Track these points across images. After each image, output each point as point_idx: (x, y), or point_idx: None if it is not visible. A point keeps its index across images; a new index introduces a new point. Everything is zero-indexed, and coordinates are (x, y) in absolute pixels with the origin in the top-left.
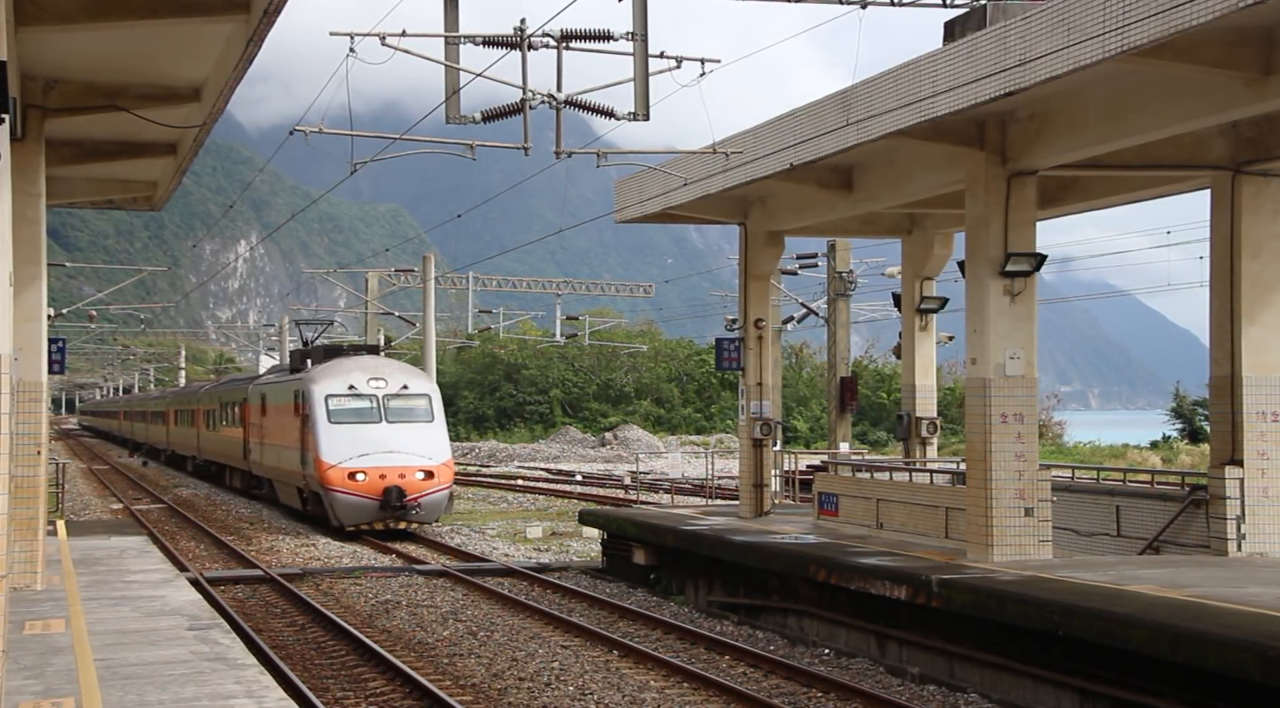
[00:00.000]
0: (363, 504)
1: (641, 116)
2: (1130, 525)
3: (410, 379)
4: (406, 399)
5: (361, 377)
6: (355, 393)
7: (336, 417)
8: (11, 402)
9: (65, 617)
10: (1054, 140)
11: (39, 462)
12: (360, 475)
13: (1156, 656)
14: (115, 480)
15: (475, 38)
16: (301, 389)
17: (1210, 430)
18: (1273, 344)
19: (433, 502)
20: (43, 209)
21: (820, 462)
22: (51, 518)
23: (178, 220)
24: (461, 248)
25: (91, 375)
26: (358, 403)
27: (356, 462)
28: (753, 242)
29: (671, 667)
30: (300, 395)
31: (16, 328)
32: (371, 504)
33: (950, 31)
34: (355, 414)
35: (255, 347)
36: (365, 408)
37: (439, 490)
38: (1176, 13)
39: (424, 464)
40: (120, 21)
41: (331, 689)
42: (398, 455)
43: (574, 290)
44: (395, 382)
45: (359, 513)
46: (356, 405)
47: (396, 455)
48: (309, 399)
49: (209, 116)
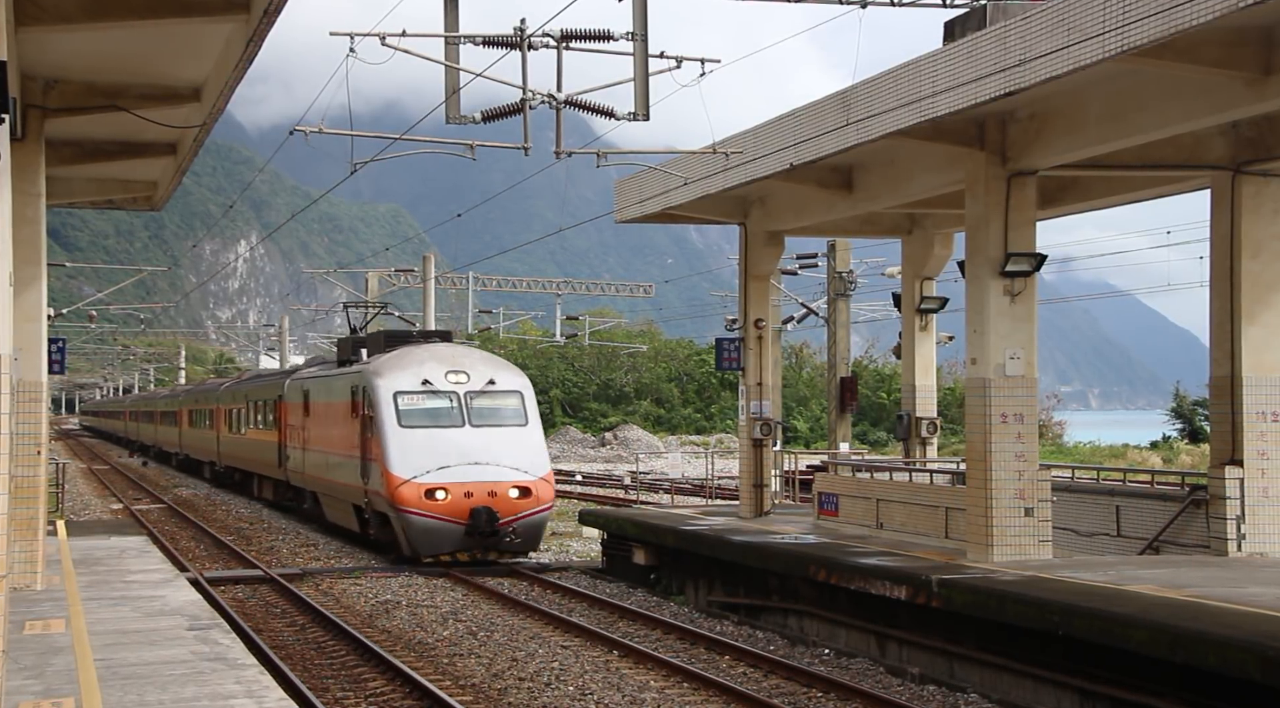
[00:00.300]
0: (444, 530)
1: (641, 116)
2: (1130, 526)
3: (498, 372)
4: (494, 397)
5: (438, 369)
6: (431, 390)
7: (409, 419)
8: (11, 402)
9: (65, 617)
10: (1054, 140)
11: (39, 462)
12: (441, 493)
13: (1156, 656)
14: (115, 480)
15: (475, 38)
16: (362, 384)
17: (1210, 430)
18: (1273, 344)
19: (531, 526)
20: (43, 209)
21: (820, 462)
22: (51, 518)
23: (178, 220)
24: (461, 248)
25: (91, 375)
26: (435, 402)
27: (435, 476)
28: (753, 242)
29: (671, 667)
30: (360, 392)
31: (16, 328)
32: (455, 530)
33: (950, 31)
34: (432, 416)
35: (255, 347)
36: (444, 408)
37: (538, 512)
38: (1176, 13)
39: (519, 479)
40: (120, 21)
41: (331, 689)
42: (487, 468)
43: (574, 290)
44: (479, 375)
45: (439, 540)
46: (433, 405)
47: (485, 468)
48: (373, 397)
49: (209, 116)
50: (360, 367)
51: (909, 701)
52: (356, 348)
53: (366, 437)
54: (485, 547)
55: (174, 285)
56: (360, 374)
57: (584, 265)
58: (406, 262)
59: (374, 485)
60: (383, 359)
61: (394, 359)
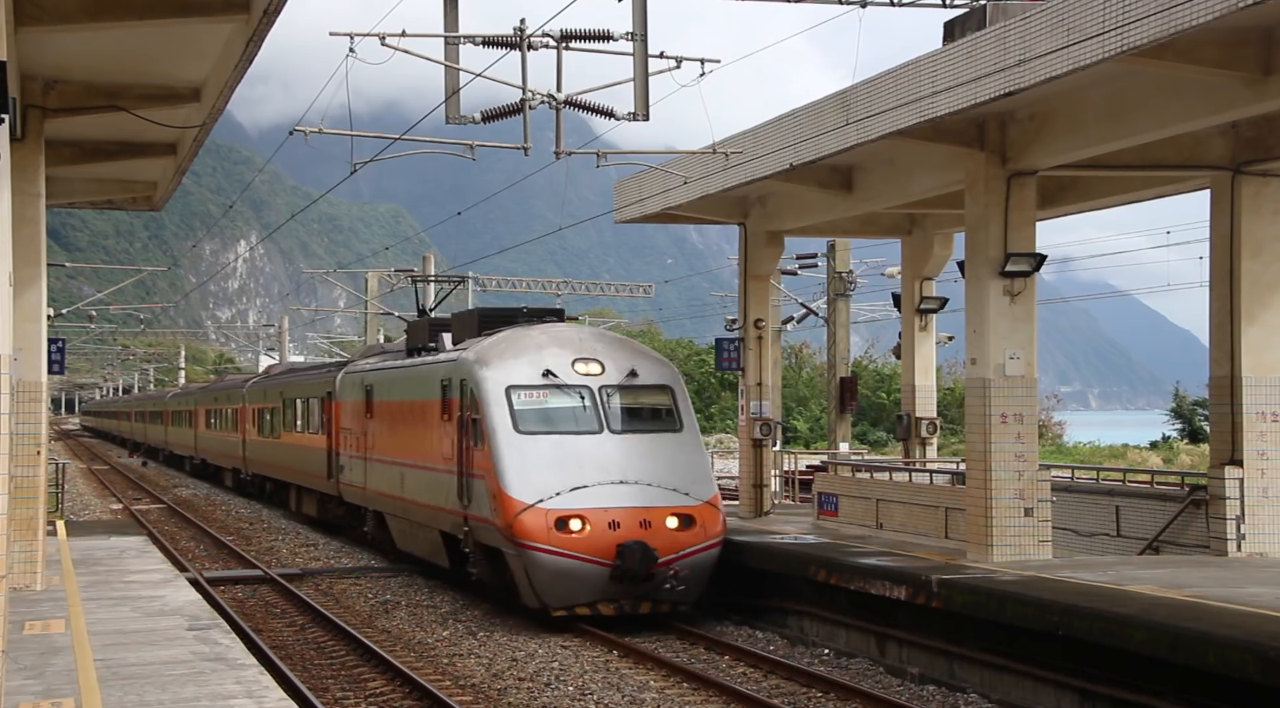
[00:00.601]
0: (583, 573)
1: (641, 117)
2: (1130, 526)
3: (639, 361)
4: (638, 394)
5: (562, 357)
6: (555, 384)
7: (529, 422)
8: (11, 402)
9: (65, 617)
10: (1054, 140)
11: (39, 462)
12: (577, 523)
13: (1156, 656)
14: (115, 480)
15: (475, 38)
16: (459, 377)
17: (1210, 431)
18: (1273, 344)
19: (697, 568)
20: (43, 209)
21: (820, 462)
22: (51, 518)
23: (178, 220)
24: (461, 248)
25: (91, 375)
26: (561, 400)
27: (569, 500)
28: (753, 242)
29: (671, 667)
30: (456, 387)
31: (16, 328)
32: (597, 573)
33: (950, 31)
34: (558, 419)
35: (255, 347)
36: (574, 409)
37: (706, 548)
38: (1176, 13)
39: (680, 504)
40: (120, 21)
41: (331, 689)
42: (636, 489)
43: (574, 290)
44: (617, 364)
45: (575, 587)
46: (560, 404)
47: (634, 489)
48: (477, 393)
49: (209, 117)
50: (454, 354)
51: (909, 701)
52: (435, 332)
53: (466, 445)
54: (637, 595)
55: (174, 285)
56: (456, 364)
57: (584, 265)
58: (406, 262)
59: (478, 510)
60: (484, 345)
61: (500, 345)
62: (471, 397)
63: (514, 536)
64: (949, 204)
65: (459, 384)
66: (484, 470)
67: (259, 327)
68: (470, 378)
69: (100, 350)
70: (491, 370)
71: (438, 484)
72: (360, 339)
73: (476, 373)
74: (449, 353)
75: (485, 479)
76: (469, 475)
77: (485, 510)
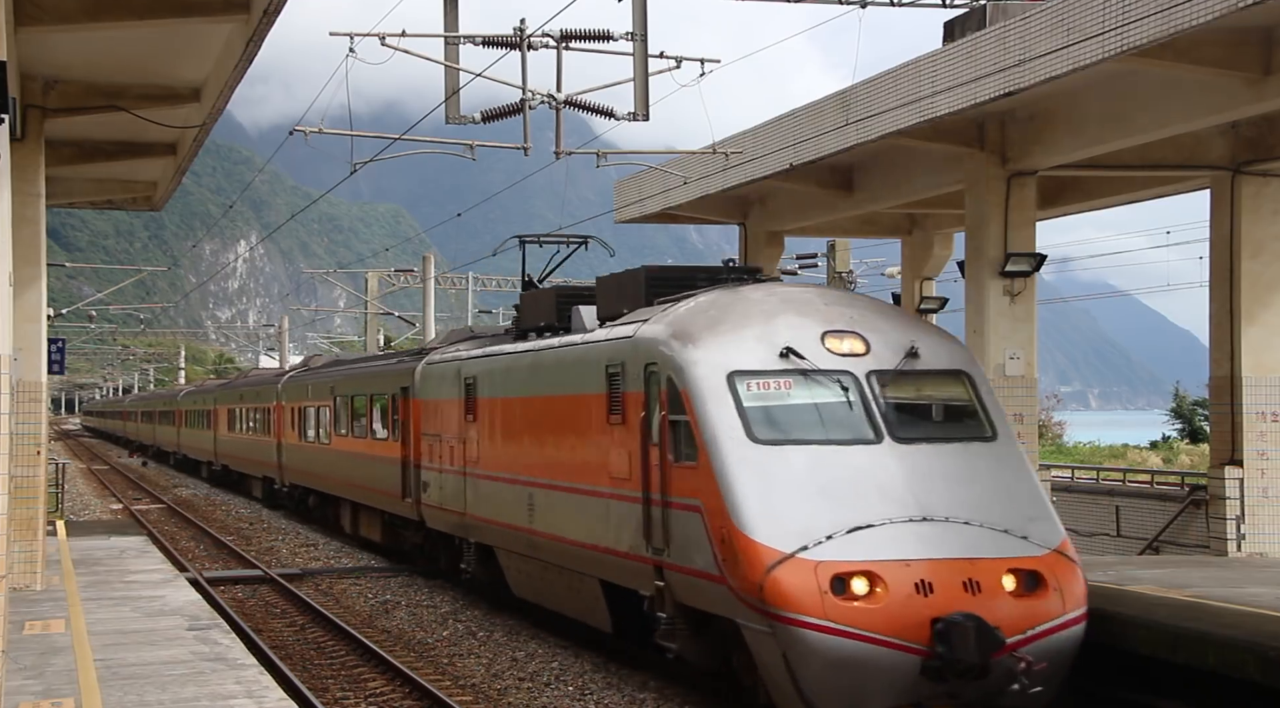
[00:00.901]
0: (880, 663)
1: (641, 117)
2: (1130, 526)
3: (918, 335)
4: (923, 383)
5: (805, 329)
6: (801, 368)
7: (768, 426)
8: (11, 402)
9: (65, 617)
10: (1054, 140)
11: (39, 462)
12: (863, 583)
13: (1156, 656)
14: (115, 480)
15: (475, 38)
16: (641, 361)
17: (1210, 431)
18: (1273, 344)
19: (1056, 653)
20: (43, 209)
21: None
22: (51, 518)
23: (178, 220)
24: (461, 248)
25: (91, 375)
26: (813, 391)
27: (846, 547)
28: (753, 242)
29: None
30: (635, 376)
31: (16, 328)
32: (901, 665)
33: (950, 31)
34: (809, 421)
35: (255, 347)
36: (833, 406)
37: (1067, 624)
38: (1176, 13)
39: (1019, 553)
40: (120, 21)
41: (331, 689)
42: (947, 529)
43: None
44: (886, 340)
45: (867, 685)
46: (811, 398)
47: (943, 529)
48: (680, 382)
49: (209, 117)
50: (626, 330)
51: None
52: (565, 305)
53: (659, 460)
54: (967, 701)
55: (174, 285)
56: (633, 344)
57: (584, 265)
58: (406, 262)
59: (685, 557)
60: (678, 315)
61: (709, 313)
62: (669, 388)
63: (764, 602)
64: (949, 204)
65: (642, 372)
66: (696, 498)
67: (259, 327)
68: (665, 362)
69: (100, 350)
70: (703, 350)
71: (600, 514)
72: (360, 339)
73: (677, 354)
74: (614, 329)
75: (700, 512)
76: (666, 504)
77: (700, 559)
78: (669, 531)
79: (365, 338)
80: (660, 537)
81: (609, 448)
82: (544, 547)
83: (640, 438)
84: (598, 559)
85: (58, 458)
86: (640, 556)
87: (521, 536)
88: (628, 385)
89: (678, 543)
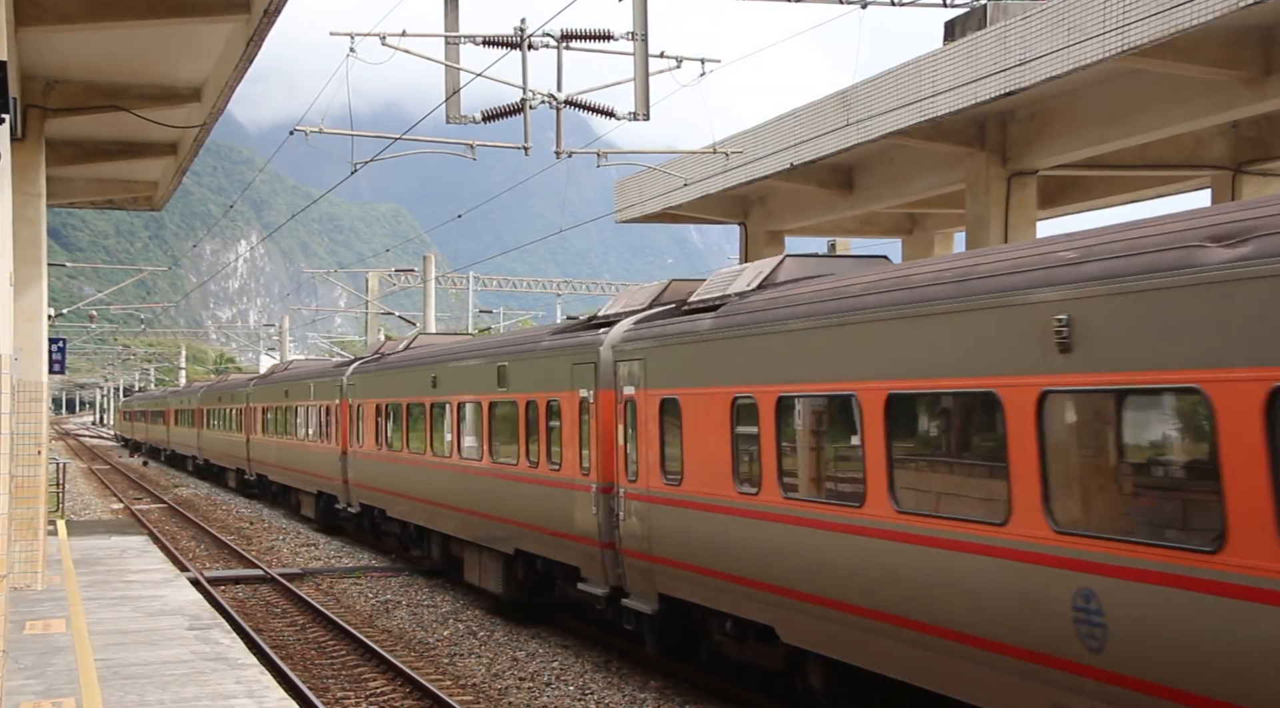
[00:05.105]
0: None
1: (641, 116)
2: None
3: None
4: None
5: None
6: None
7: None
8: (12, 402)
9: (66, 617)
10: (1054, 140)
11: (39, 462)
12: None
13: None
14: (115, 480)
15: (475, 38)
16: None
17: None
18: None
19: None
20: (43, 209)
21: None
22: (52, 518)
23: (178, 220)
24: (461, 248)
25: (91, 375)
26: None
27: None
28: (753, 242)
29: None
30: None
31: (16, 328)
32: None
33: (950, 31)
34: None
35: (256, 347)
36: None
37: None
38: (1176, 13)
39: None
40: (120, 21)
41: (331, 689)
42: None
43: (574, 290)
44: None
45: None
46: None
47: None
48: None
49: (209, 116)
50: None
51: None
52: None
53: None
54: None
55: (174, 285)
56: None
57: (584, 265)
58: (407, 262)
59: None
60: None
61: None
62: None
63: None
64: (949, 204)
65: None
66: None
67: (259, 326)
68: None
69: (101, 350)
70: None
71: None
72: (361, 339)
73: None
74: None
75: None
76: None
77: None
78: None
79: (366, 338)
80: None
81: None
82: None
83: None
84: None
85: (58, 457)
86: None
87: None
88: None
89: None
